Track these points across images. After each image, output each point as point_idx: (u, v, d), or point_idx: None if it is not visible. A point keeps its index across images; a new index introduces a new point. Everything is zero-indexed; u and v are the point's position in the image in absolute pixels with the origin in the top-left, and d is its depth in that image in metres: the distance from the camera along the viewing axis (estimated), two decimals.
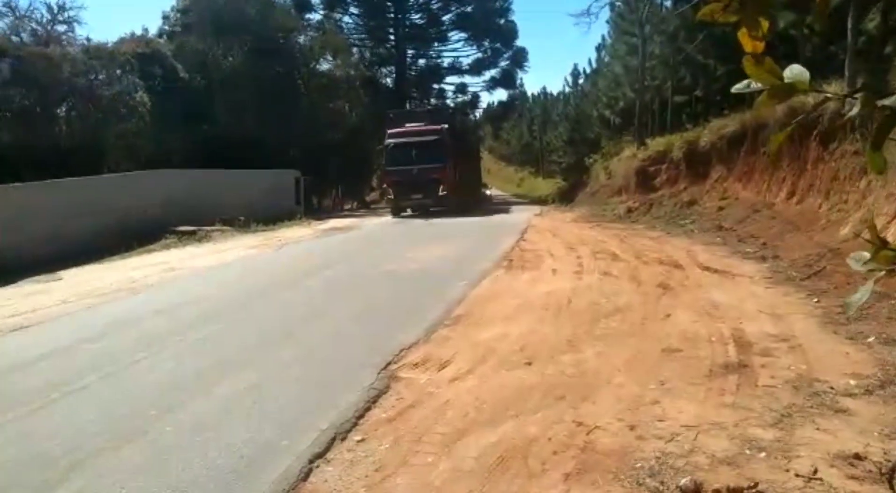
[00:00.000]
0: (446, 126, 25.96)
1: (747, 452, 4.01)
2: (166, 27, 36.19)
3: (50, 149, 27.03)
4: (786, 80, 1.45)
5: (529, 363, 6.02)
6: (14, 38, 47.23)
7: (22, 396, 5.98)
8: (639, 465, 3.94)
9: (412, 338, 7.12)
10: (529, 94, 59.09)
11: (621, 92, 29.35)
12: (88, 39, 36.48)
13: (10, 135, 29.56)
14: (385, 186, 27.19)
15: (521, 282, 9.95)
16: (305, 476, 4.12)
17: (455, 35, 39.26)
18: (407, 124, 26.31)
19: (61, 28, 48.77)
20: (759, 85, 1.47)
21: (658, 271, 10.03)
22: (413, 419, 4.95)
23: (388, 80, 36.87)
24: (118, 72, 34.66)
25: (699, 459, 3.97)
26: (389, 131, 26.13)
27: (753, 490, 3.53)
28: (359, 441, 4.61)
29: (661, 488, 3.67)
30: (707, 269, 10.01)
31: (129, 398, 5.83)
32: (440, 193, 24.71)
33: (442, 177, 24.88)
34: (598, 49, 38.44)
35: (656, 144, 21.77)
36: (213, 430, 4.99)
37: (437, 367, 6.11)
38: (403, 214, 26.77)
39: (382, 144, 26.63)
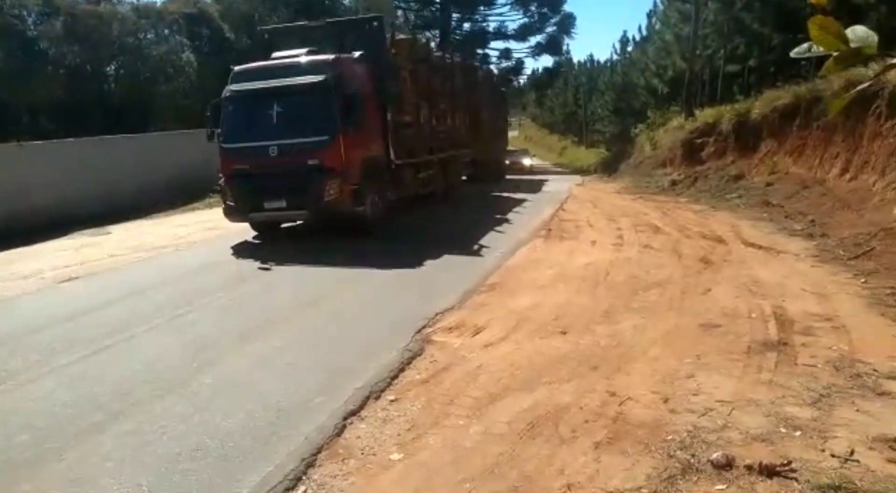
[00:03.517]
0: (357, 55, 12.13)
1: (782, 430, 3.96)
2: None
3: (100, 106, 27.62)
4: (851, 45, 1.37)
5: (564, 333, 6.01)
6: None
7: (73, 344, 6.24)
8: (670, 437, 3.92)
9: (447, 304, 7.17)
10: (575, 61, 57.88)
11: (671, 61, 28.48)
12: None
13: (63, 91, 30.28)
14: (221, 181, 11.80)
15: (559, 252, 9.88)
16: (339, 432, 4.22)
17: None
18: (276, 54, 12.43)
19: None
20: (821, 49, 1.40)
21: (700, 246, 9.84)
22: (446, 381, 5.01)
23: (432, 44, 36.45)
24: (166, 31, 35.07)
25: (732, 434, 3.93)
26: (236, 70, 11.86)
27: (787, 468, 3.49)
28: (392, 401, 4.70)
29: (692, 461, 3.65)
30: (751, 245, 9.78)
31: (172, 350, 6.04)
32: (326, 197, 10.80)
33: (329, 163, 10.85)
34: (649, 16, 37.32)
35: (705, 115, 21.13)
36: (251, 384, 5.14)
37: (471, 332, 6.15)
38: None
39: (217, 99, 11.84)
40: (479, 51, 37.93)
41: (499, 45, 39.32)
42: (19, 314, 7.63)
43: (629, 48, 42.89)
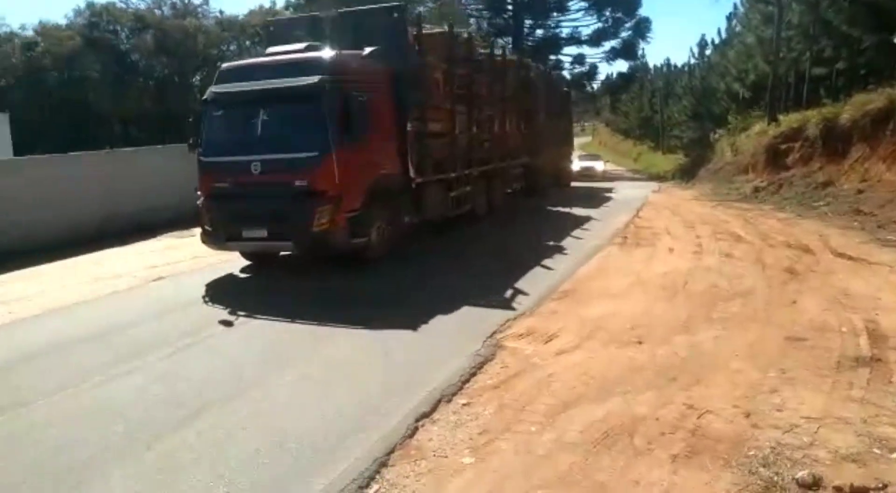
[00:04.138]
0: (368, 52, 9.98)
1: (876, 451, 3.74)
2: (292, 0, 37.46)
3: (185, 116, 28.93)
4: None
5: (640, 342, 5.87)
6: (157, 12, 50.78)
7: (159, 342, 6.54)
8: (752, 453, 3.77)
9: (518, 310, 7.13)
10: (651, 65, 56.56)
11: (752, 64, 27.40)
12: (221, 12, 38.62)
13: (152, 102, 31.91)
14: (200, 200, 9.52)
15: (635, 260, 9.66)
16: (412, 434, 4.27)
17: (575, 4, 37.95)
18: (271, 49, 10.29)
19: (197, 1, 51.89)
20: None
21: (785, 255, 9.42)
22: (517, 387, 4.98)
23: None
24: (247, 43, 36.43)
25: (820, 453, 3.74)
26: (223, 68, 10.03)
27: (881, 492, 3.29)
28: (464, 405, 4.71)
29: (775, 478, 3.50)
30: (840, 255, 9.29)
31: (251, 350, 6.25)
32: (314, 227, 8.56)
33: (320, 185, 8.63)
34: (729, 18, 36.02)
35: (790, 119, 20.24)
36: (325, 385, 5.26)
37: (543, 339, 6.09)
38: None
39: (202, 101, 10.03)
40: (552, 57, 37.63)
41: (572, 50, 38.92)
42: (109, 311, 8.06)
43: (708, 52, 41.59)
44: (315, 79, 8.43)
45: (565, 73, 37.44)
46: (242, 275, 9.77)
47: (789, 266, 8.66)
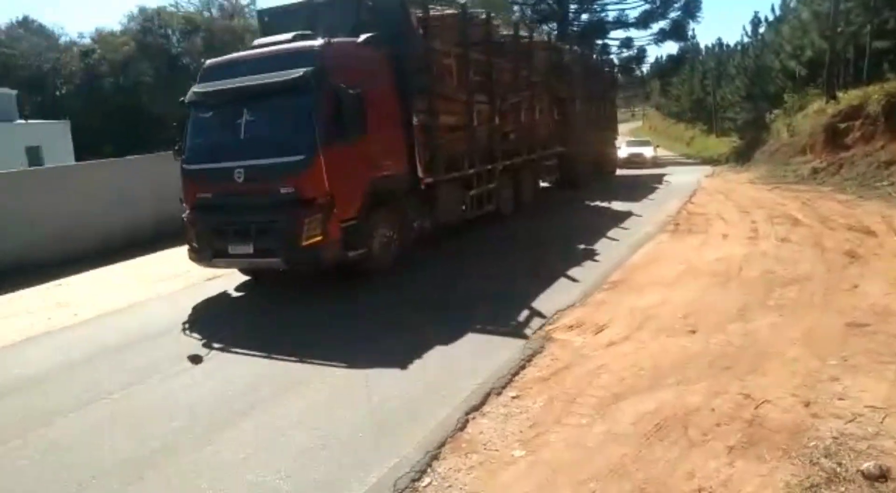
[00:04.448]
0: (363, 39, 8.73)
1: None
2: None
3: None
4: None
5: (693, 331, 5.76)
6: (205, 13, 51.99)
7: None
8: (812, 444, 3.66)
9: (567, 301, 7.07)
10: (703, 46, 55.09)
11: (809, 40, 26.35)
12: None
13: None
14: (185, 213, 8.52)
15: (687, 247, 9.46)
16: (462, 427, 4.29)
17: None
18: (258, 41, 9.27)
19: (244, 1, 52.91)
20: None
21: (846, 238, 9.07)
22: (567, 379, 4.95)
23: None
24: None
25: (886, 443, 3.61)
26: (207, 64, 9.00)
27: None
28: (513, 397, 4.71)
29: (838, 470, 3.39)
30: None
31: (299, 347, 6.34)
32: (303, 240, 7.52)
33: (308, 192, 7.63)
34: None
35: (850, 96, 19.41)
36: (374, 378, 5.32)
37: (592, 331, 6.03)
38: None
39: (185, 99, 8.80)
40: (599, 41, 36.97)
41: (619, 34, 38.15)
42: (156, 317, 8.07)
43: (761, 29, 40.25)
44: (300, 72, 7.46)
45: (613, 58, 36.75)
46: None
47: (850, 249, 8.34)
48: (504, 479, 3.66)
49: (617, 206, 14.66)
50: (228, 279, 9.35)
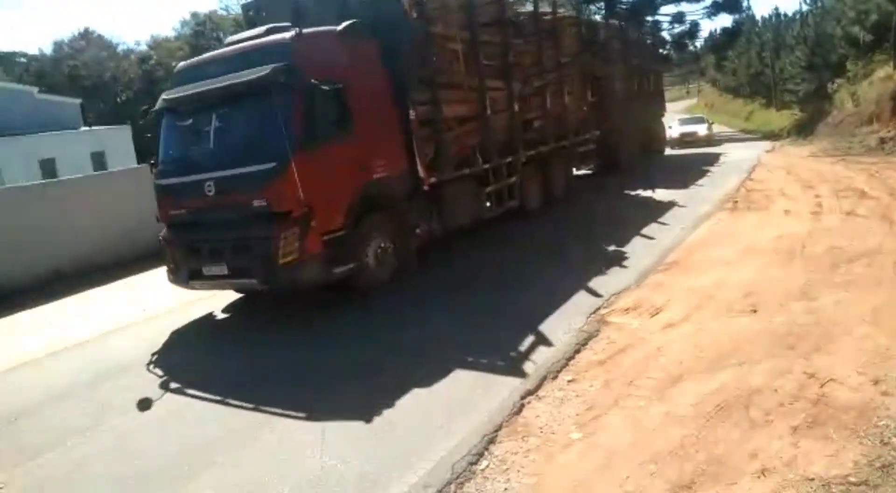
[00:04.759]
0: (343, 28, 7.64)
1: None
2: None
3: None
4: None
5: (754, 311, 5.61)
6: None
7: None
8: (883, 423, 3.53)
9: (623, 283, 6.98)
10: (758, 17, 53.09)
11: (874, 3, 25.09)
12: None
13: None
14: (162, 232, 7.97)
15: (747, 224, 9.19)
16: (518, 410, 4.32)
17: None
18: (231, 38, 8.58)
19: None
20: None
21: None
22: (624, 362, 4.90)
23: (598, 17, 35.15)
24: None
25: None
26: (178, 68, 8.30)
27: None
28: (569, 381, 4.70)
29: None
30: None
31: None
32: (280, 259, 6.71)
33: (282, 204, 6.82)
34: None
35: None
36: (433, 363, 5.38)
37: (649, 313, 5.95)
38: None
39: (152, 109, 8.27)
40: (649, 18, 36.06)
41: (669, 9, 37.14)
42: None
43: None
44: (266, 70, 6.64)
45: (664, 34, 35.77)
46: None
47: None
48: (562, 461, 3.67)
49: (667, 187, 13.54)
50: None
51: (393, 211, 8.09)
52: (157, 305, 8.75)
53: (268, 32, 7.45)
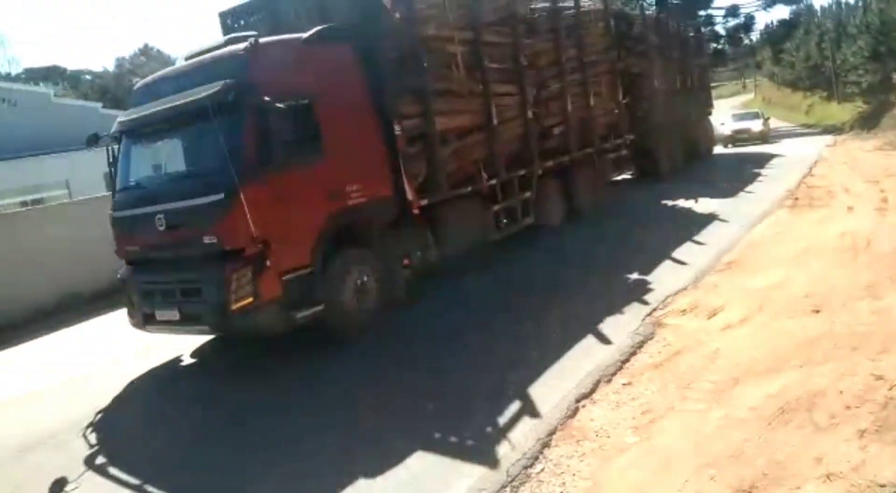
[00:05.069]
0: (310, 36, 6.72)
1: None
2: None
3: None
4: None
5: (817, 311, 5.44)
6: None
7: None
8: None
9: (677, 285, 6.87)
10: (817, 6, 51.42)
11: None
12: None
13: None
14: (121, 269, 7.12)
15: (808, 222, 8.91)
16: (573, 414, 4.30)
17: None
18: (190, 51, 7.26)
19: None
20: None
21: None
22: (680, 365, 4.83)
23: (649, 12, 34.57)
24: None
25: None
26: (136, 86, 7.56)
27: None
28: (624, 384, 4.66)
29: None
30: None
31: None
32: (232, 303, 5.73)
33: (232, 240, 5.90)
34: None
35: None
36: (483, 363, 5.40)
37: (706, 314, 5.84)
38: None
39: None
40: (702, 12, 35.34)
41: (723, 3, 36.30)
42: None
43: None
44: (214, 88, 5.82)
45: (718, 28, 34.95)
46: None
47: None
48: (618, 465, 3.64)
49: (712, 195, 12.29)
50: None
51: (374, 241, 7.13)
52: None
53: (227, 43, 6.61)
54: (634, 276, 7.55)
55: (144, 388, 6.60)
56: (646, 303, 6.49)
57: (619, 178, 13.99)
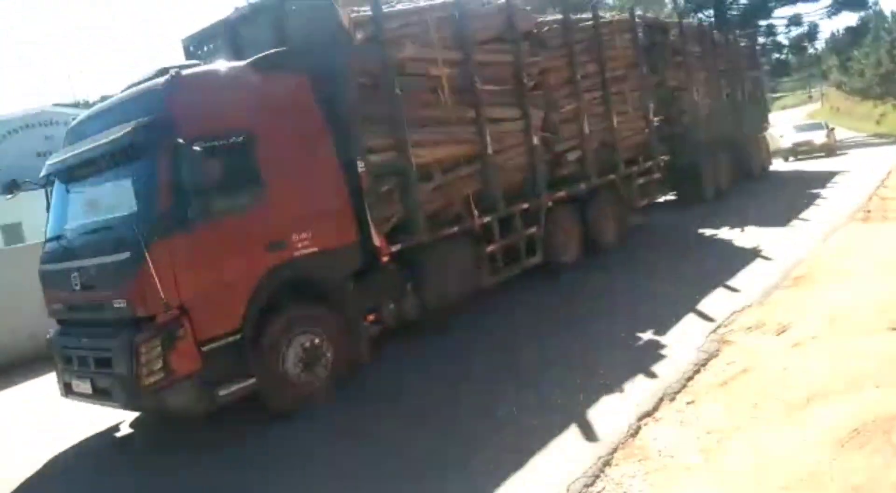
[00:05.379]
0: (250, 63, 5.99)
1: None
2: None
3: None
4: None
5: (894, 329, 5.19)
6: None
7: None
8: None
9: (743, 301, 6.67)
10: (889, 12, 49.51)
11: None
12: None
13: None
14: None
15: (882, 235, 8.53)
16: (635, 433, 4.22)
17: None
18: (127, 83, 6.20)
19: None
20: None
21: None
22: (747, 384, 4.68)
23: (706, 24, 34.00)
24: None
25: None
26: (71, 125, 6.57)
27: None
28: (688, 403, 4.55)
29: None
30: None
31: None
32: (143, 379, 4.88)
33: (142, 305, 5.05)
34: None
35: None
36: (545, 382, 5.35)
37: (774, 331, 5.65)
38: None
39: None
40: (762, 22, 34.52)
41: (785, 12, 35.37)
42: None
43: None
44: (126, 128, 5.20)
45: (781, 38, 34.04)
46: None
47: None
48: (681, 486, 3.55)
49: (761, 222, 10.95)
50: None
51: (334, 296, 6.13)
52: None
53: (157, 74, 5.69)
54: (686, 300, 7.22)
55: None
56: (710, 320, 6.32)
57: (657, 201, 12.58)
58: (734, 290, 7.33)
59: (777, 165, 20.25)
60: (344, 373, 5.99)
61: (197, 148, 5.02)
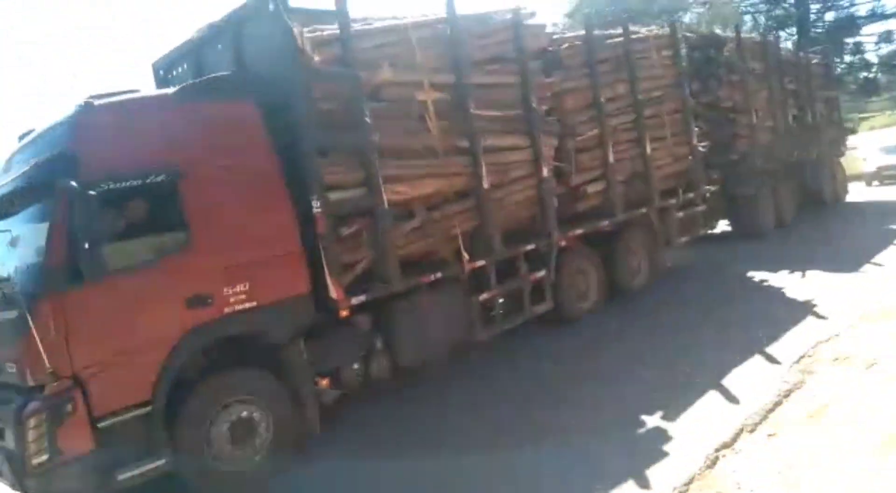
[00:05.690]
0: (179, 89, 5.35)
1: None
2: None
3: None
4: None
5: None
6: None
7: None
8: None
9: (831, 330, 6.40)
10: None
11: None
12: None
13: None
14: None
15: None
16: (712, 464, 4.12)
17: None
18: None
19: None
20: None
21: None
22: (833, 418, 4.50)
23: (789, 43, 32.89)
24: None
25: None
26: (9, 156, 5.65)
27: None
28: (769, 435, 4.40)
29: None
30: None
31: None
32: (33, 458, 4.13)
33: (26, 371, 4.31)
34: None
35: None
36: (618, 411, 5.28)
37: (863, 364, 5.39)
38: None
39: None
40: (849, 40, 33.17)
41: (874, 29, 33.90)
42: None
43: None
44: (25, 168, 4.76)
45: (870, 56, 32.52)
46: None
47: None
48: None
49: (827, 266, 9.16)
50: None
51: (279, 357, 5.30)
52: None
53: (82, 108, 4.88)
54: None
55: None
56: (796, 348, 6.09)
57: (709, 232, 11.35)
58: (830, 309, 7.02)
59: (858, 189, 18.42)
60: (288, 447, 5.14)
61: (93, 192, 4.32)
